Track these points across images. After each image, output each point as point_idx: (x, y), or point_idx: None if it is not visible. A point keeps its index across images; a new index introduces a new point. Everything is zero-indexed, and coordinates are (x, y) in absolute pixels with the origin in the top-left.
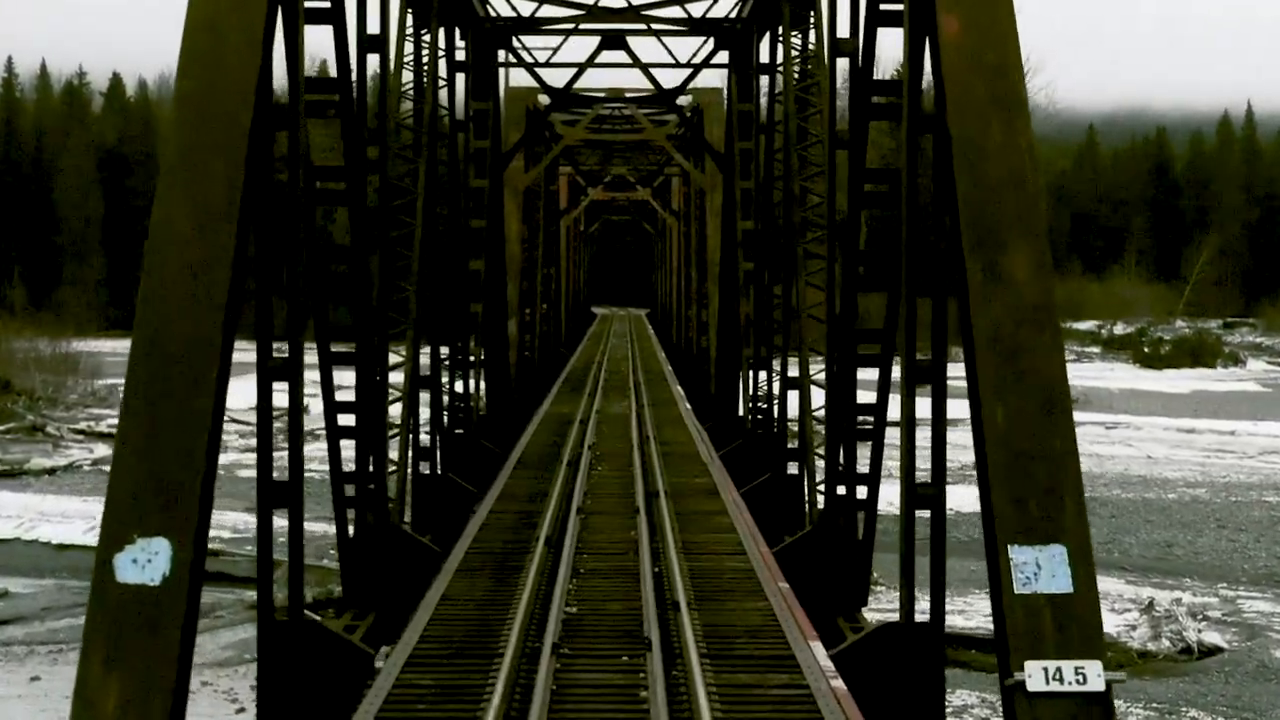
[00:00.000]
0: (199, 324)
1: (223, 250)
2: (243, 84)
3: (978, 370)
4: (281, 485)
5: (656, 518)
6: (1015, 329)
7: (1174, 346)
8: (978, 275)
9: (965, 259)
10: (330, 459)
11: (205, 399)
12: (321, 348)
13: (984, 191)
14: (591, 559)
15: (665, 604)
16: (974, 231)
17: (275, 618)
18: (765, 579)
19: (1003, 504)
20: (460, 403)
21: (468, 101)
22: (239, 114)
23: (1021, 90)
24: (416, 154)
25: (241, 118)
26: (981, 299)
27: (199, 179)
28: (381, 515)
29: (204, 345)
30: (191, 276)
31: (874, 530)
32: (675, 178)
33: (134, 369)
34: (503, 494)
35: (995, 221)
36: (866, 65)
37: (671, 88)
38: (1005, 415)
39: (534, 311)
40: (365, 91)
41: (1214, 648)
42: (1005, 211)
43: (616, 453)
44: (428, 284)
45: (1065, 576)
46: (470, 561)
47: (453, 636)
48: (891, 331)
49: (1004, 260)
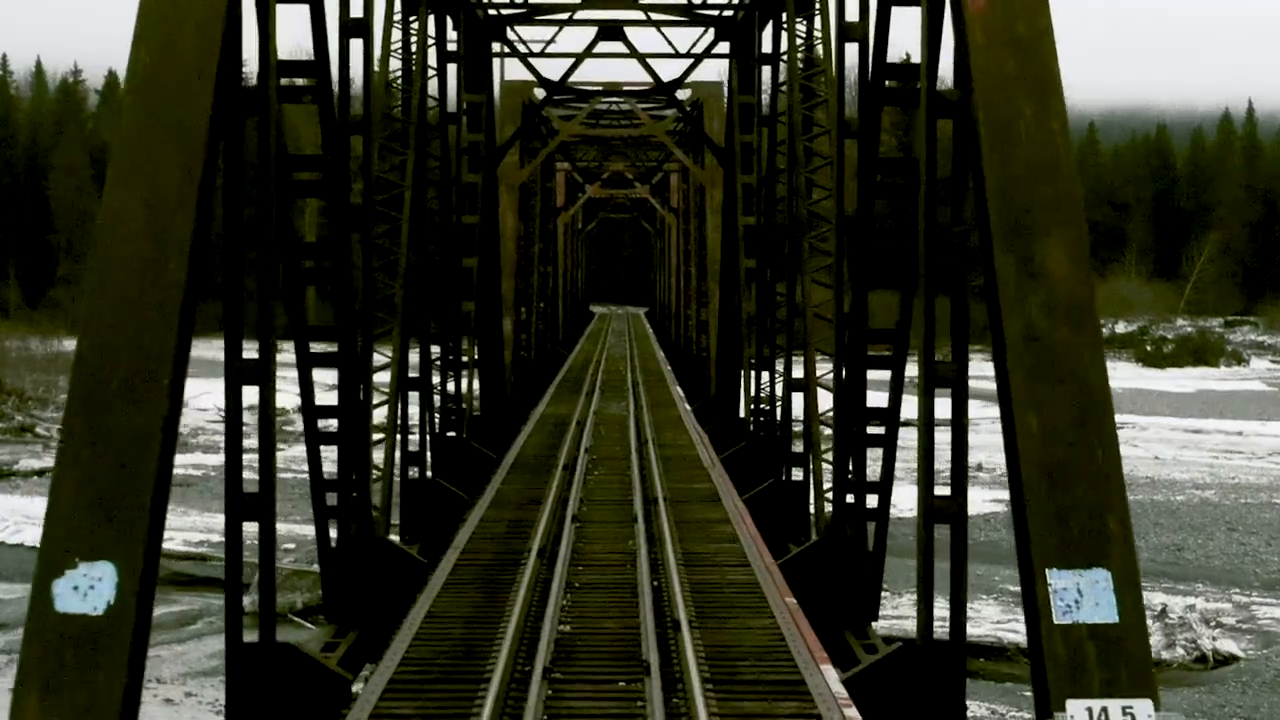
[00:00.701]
0: (150, 325)
1: (178, 244)
2: (203, 57)
3: (1009, 374)
4: (252, 498)
5: (655, 526)
6: (1051, 328)
7: (1177, 345)
8: (1009, 269)
9: (994, 251)
10: (310, 466)
11: (157, 407)
12: (300, 348)
13: (1015, 178)
14: (587, 571)
15: (665, 622)
16: (1005, 222)
17: (244, 640)
18: (771, 593)
19: (1039, 523)
20: (452, 404)
21: (460, 93)
22: (199, 92)
23: (1055, 66)
24: (404, 145)
25: (201, 96)
26: (1014, 295)
27: (152, 164)
28: (365, 525)
29: (156, 348)
30: (142, 273)
31: (885, 541)
32: (674, 174)
33: (78, 374)
34: (495, 500)
35: (1028, 210)
36: (880, 47)
37: (671, 80)
38: (1041, 424)
39: (530, 310)
40: (348, 78)
41: (1230, 656)
42: (1039, 199)
43: (614, 456)
44: (416, 281)
45: (1110, 605)
46: (458, 574)
47: (437, 658)
48: (905, 331)
49: (1038, 252)
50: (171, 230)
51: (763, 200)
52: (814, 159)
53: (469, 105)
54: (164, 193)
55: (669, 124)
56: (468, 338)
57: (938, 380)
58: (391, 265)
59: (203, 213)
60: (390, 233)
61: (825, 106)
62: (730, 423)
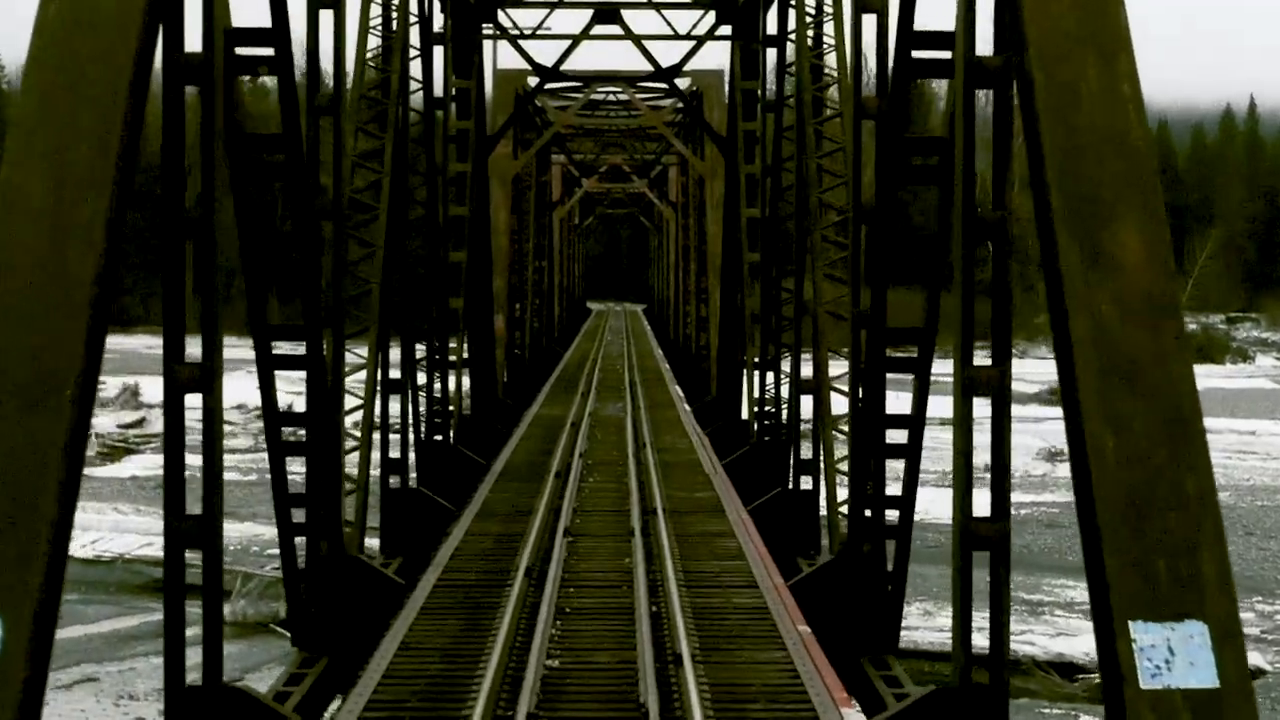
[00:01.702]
0: (53, 325)
1: (87, 229)
2: (126, 10)
3: (1078, 383)
4: (195, 522)
5: (654, 541)
6: (1126, 329)
7: None
8: (1074, 257)
9: (1057, 237)
10: (274, 479)
11: (57, 424)
12: (260, 350)
13: (1080, 150)
14: (579, 595)
15: (665, 654)
16: (1068, 203)
17: (186, 684)
18: (782, 620)
19: (1119, 566)
20: (439, 406)
21: (447, 77)
22: (118, 50)
23: (1122, 20)
24: (383, 129)
25: (120, 55)
26: (1080, 289)
27: (60, 137)
28: (335, 543)
29: (57, 354)
30: (44, 264)
31: (907, 561)
32: (673, 167)
33: None
34: (481, 511)
35: (1096, 189)
36: (907, 12)
37: (670, 66)
38: (1119, 445)
39: (524, 307)
40: (317, 50)
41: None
42: (1108, 175)
43: (610, 461)
44: (397, 276)
45: (1208, 665)
46: (438, 598)
47: (408, 700)
48: (932, 330)
49: (1108, 237)
50: (80, 214)
51: (768, 190)
52: (824, 143)
53: (458, 91)
54: (74, 170)
55: (668, 114)
56: (456, 336)
57: (976, 388)
58: (372, 259)
59: (120, 194)
60: (371, 224)
61: (838, 87)
62: (732, 425)
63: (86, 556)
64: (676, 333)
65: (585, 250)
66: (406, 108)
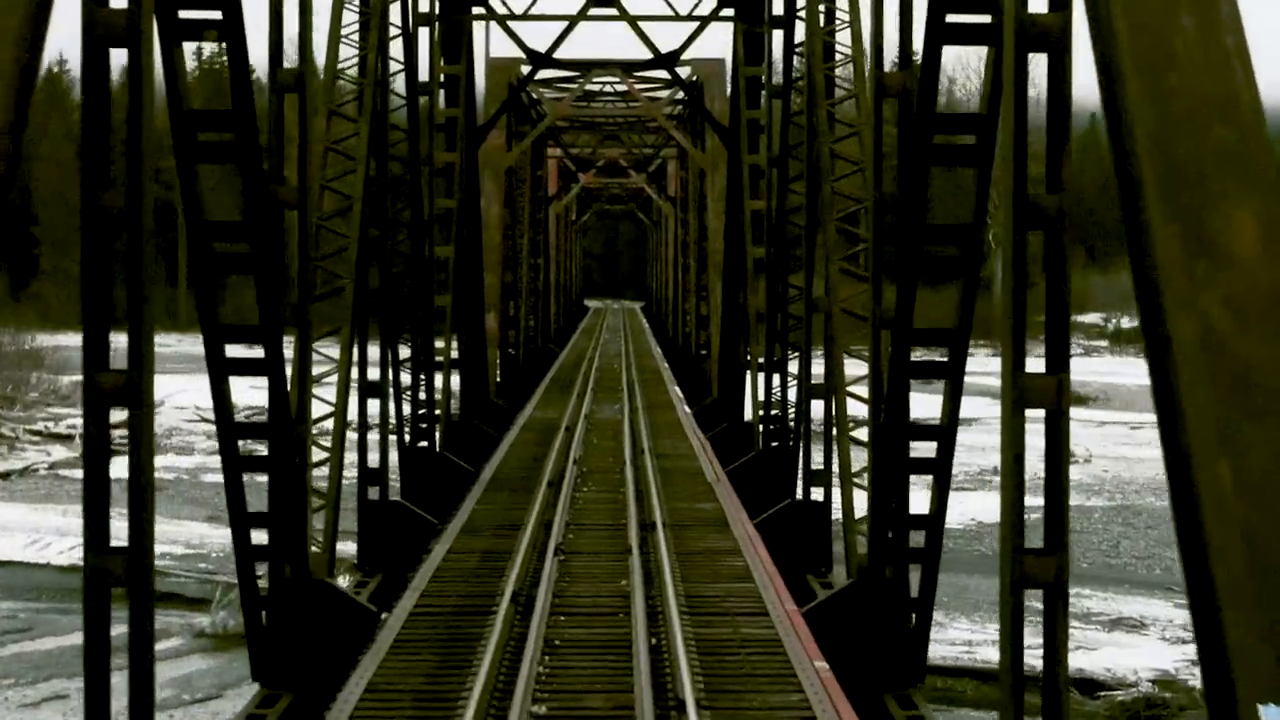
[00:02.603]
0: None
1: None
2: None
3: (1181, 398)
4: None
5: (653, 560)
6: (1241, 333)
7: None
8: (1173, 245)
9: (1150, 222)
10: (229, 498)
11: None
12: (212, 353)
13: (1176, 116)
14: (570, 624)
15: (665, 698)
16: (1164, 180)
17: None
18: (796, 654)
19: (1243, 633)
20: (424, 409)
21: (433, 62)
22: None
23: None
24: (359, 113)
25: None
26: (1182, 284)
27: None
28: (300, 566)
29: None
30: None
31: (934, 589)
32: (672, 161)
33: None
34: (466, 525)
35: (1198, 163)
36: None
37: (669, 52)
38: (1237, 477)
39: (519, 305)
40: (280, 23)
41: None
42: (1213, 146)
43: (607, 469)
44: (370, 271)
45: None
46: (413, 628)
47: None
48: (965, 332)
49: (1215, 223)
50: None
51: (774, 181)
52: (837, 128)
53: (446, 78)
54: None
55: (666, 105)
56: (444, 336)
57: (1029, 399)
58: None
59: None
60: (346, 214)
61: (853, 65)
62: (734, 429)
63: (63, 564)
64: (675, 331)
65: (583, 247)
66: (385, 89)
